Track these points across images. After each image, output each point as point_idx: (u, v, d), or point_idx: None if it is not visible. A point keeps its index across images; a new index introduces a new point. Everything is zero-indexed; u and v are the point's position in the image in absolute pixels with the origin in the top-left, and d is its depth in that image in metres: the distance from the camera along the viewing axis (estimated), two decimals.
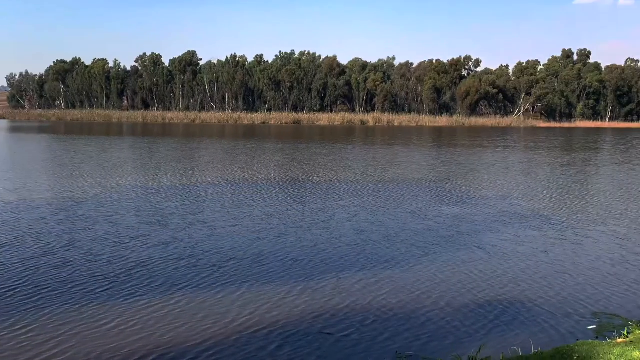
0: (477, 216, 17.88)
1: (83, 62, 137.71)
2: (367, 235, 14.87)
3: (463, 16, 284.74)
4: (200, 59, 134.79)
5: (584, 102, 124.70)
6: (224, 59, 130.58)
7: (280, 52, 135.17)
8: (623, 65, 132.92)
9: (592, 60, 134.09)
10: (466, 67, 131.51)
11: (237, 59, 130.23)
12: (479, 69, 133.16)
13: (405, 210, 18.64)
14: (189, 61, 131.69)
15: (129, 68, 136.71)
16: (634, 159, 42.25)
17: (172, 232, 14.88)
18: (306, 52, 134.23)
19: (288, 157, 38.66)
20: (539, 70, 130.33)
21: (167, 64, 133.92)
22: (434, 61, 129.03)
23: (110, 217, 16.54)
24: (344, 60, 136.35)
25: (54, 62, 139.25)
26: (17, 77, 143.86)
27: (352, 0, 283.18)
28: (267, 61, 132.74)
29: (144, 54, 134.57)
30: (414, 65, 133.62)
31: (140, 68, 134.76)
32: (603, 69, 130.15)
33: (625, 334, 8.05)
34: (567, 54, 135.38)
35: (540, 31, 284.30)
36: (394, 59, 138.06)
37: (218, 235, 14.55)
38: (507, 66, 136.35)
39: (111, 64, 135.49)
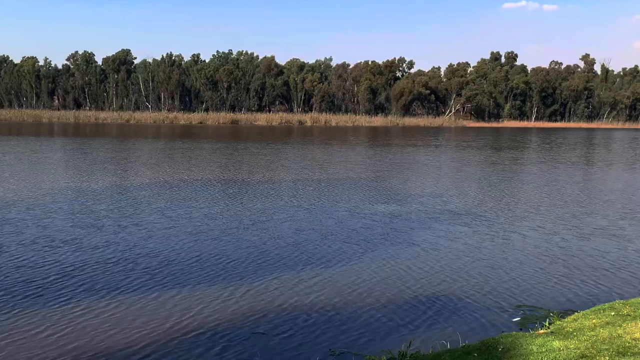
0: (412, 214, 18.40)
1: (11, 60, 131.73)
2: (307, 235, 15.03)
3: (397, 18, 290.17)
4: (135, 58, 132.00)
5: (511, 102, 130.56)
6: (159, 58, 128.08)
7: (217, 51, 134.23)
8: (547, 67, 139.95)
9: (518, 62, 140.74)
10: (400, 68, 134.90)
11: (173, 58, 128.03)
12: (412, 71, 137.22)
13: (343, 209, 18.94)
14: (123, 60, 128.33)
15: (60, 66, 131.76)
16: (558, 157, 44.49)
17: (108, 235, 14.53)
18: (244, 52, 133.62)
19: (226, 157, 38.34)
20: (469, 72, 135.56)
21: (100, 62, 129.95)
22: (370, 62, 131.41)
23: (42, 221, 15.95)
24: (282, 60, 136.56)
25: None
26: None
27: (289, 1, 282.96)
28: (204, 60, 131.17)
29: (76, 52, 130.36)
30: (351, 66, 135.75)
31: (72, 67, 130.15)
32: (529, 71, 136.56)
33: (547, 325, 8.40)
34: (496, 57, 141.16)
35: (471, 34, 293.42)
36: (331, 59, 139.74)
37: (155, 238, 14.33)
38: (439, 68, 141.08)
39: (41, 62, 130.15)
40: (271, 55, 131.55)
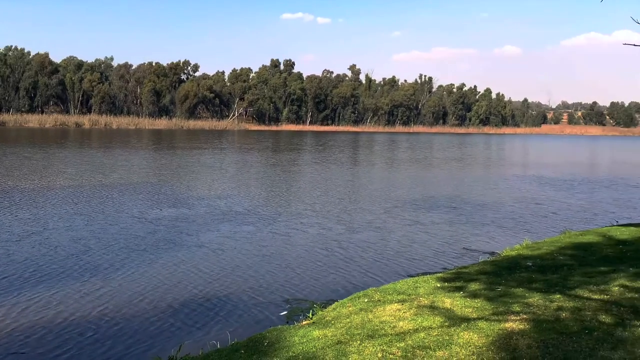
0: (197, 216, 18.69)
1: None
2: (86, 244, 14.40)
3: (180, 20, 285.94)
4: None
5: (289, 107, 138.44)
6: None
7: None
8: (320, 75, 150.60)
9: (295, 70, 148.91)
10: (185, 71, 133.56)
11: None
12: (197, 74, 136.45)
13: (125, 215, 18.47)
14: None
15: None
16: (329, 157, 48.49)
17: None
18: (13, 48, 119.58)
19: None
20: (251, 77, 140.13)
21: None
22: (154, 64, 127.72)
23: None
24: (57, 58, 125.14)
25: None
26: None
27: None
28: None
29: None
30: (134, 67, 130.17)
31: None
32: (304, 79, 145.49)
33: (310, 316, 8.96)
34: (275, 64, 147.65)
35: (253, 40, 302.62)
36: (112, 59, 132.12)
37: None
38: (223, 72, 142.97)
39: None
40: (45, 52, 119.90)
